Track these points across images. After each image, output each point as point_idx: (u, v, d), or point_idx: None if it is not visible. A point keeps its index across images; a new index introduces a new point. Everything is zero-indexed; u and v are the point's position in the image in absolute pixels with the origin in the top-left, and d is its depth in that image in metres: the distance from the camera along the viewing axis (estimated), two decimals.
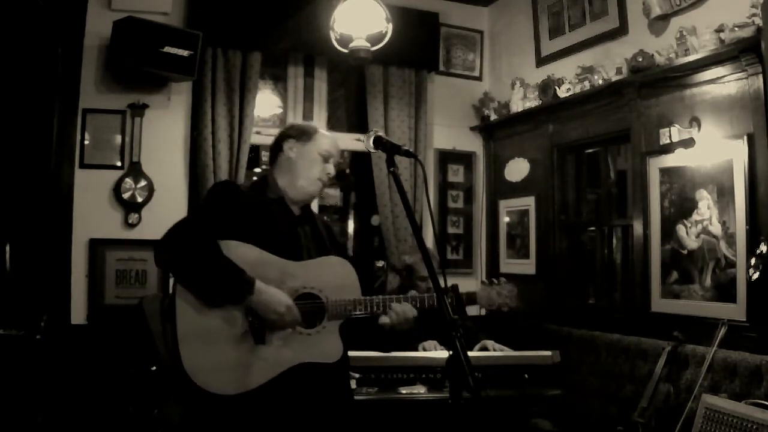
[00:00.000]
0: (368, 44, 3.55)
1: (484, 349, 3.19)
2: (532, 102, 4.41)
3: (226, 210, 2.07)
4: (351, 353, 2.33)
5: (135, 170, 3.91)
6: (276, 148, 2.28)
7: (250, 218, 2.08)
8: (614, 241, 4.21)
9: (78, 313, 3.75)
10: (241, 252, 2.01)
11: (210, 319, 1.99)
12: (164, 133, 4.01)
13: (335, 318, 2.09)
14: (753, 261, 2.83)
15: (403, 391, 2.82)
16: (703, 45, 3.21)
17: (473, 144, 4.99)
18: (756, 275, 2.78)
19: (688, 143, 3.31)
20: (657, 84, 3.50)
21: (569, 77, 4.12)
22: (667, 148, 3.42)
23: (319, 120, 4.61)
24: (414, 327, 2.18)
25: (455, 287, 2.15)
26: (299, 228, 2.23)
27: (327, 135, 2.30)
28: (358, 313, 2.10)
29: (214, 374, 1.95)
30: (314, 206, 4.43)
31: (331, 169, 2.25)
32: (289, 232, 2.17)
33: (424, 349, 3.16)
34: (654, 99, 3.55)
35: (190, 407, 2.05)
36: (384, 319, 2.14)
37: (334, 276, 2.13)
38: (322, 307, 2.09)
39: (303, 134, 2.25)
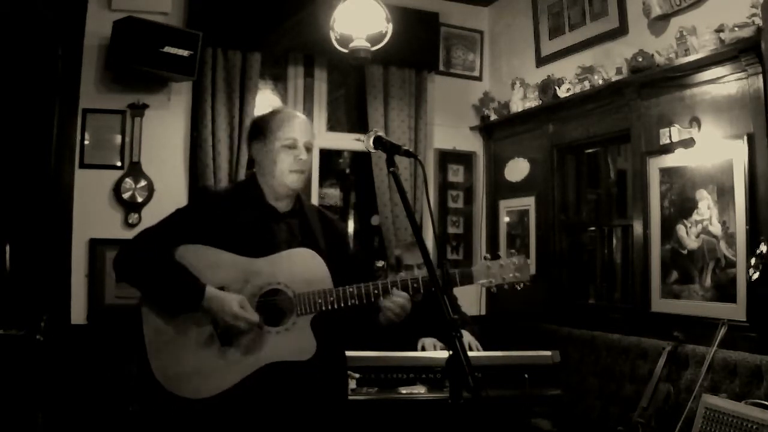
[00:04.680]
0: (368, 44, 3.55)
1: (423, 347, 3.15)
2: (532, 102, 4.41)
3: (196, 217, 2.08)
4: (351, 353, 2.32)
5: (135, 170, 3.90)
6: (248, 150, 2.27)
7: (224, 221, 2.06)
8: (614, 241, 4.21)
9: (78, 313, 3.75)
10: (200, 255, 2.02)
11: (175, 324, 2.00)
12: (164, 133, 4.01)
13: (305, 313, 2.01)
14: (753, 261, 2.83)
15: (403, 391, 2.82)
16: (703, 45, 3.20)
17: (473, 144, 4.99)
18: (756, 275, 2.78)
19: (688, 143, 3.31)
20: (657, 84, 3.50)
21: (569, 77, 4.12)
22: (667, 148, 3.42)
23: (319, 120, 4.61)
24: (411, 316, 2.10)
25: (444, 264, 2.07)
26: (279, 224, 2.15)
27: (290, 119, 2.15)
28: (329, 305, 2.01)
29: (184, 380, 1.96)
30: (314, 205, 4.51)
31: (300, 153, 2.12)
32: (263, 230, 2.10)
33: (423, 347, 3.16)
34: (654, 99, 3.55)
35: (163, 412, 2.04)
36: (380, 318, 2.08)
37: (301, 269, 2.04)
38: (289, 303, 2.02)
39: (261, 131, 2.16)
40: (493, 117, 4.78)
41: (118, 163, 3.90)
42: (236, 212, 2.09)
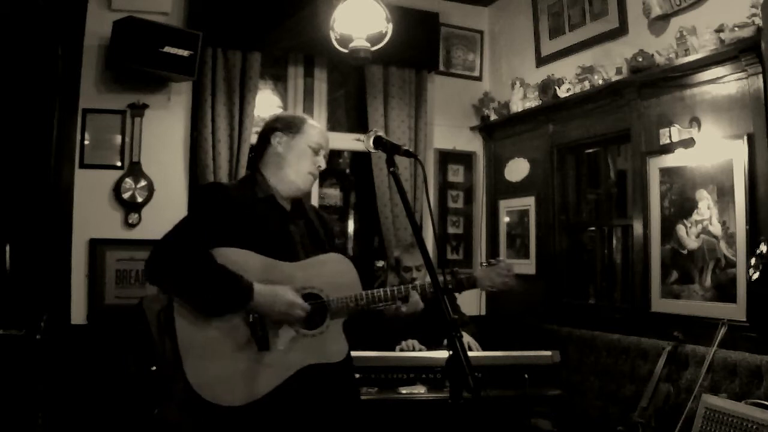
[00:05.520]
0: (368, 44, 3.55)
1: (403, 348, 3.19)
2: (532, 102, 4.41)
3: (217, 215, 2.01)
4: (352, 353, 2.32)
5: (135, 170, 3.90)
6: (263, 142, 2.20)
7: (241, 220, 2.02)
8: (614, 241, 4.21)
9: (78, 313, 3.75)
10: (239, 259, 1.96)
11: (210, 329, 1.94)
12: (164, 133, 4.01)
13: (338, 316, 2.06)
14: (753, 261, 2.83)
15: (403, 391, 2.82)
16: (703, 45, 3.21)
17: (473, 144, 4.99)
18: (756, 275, 2.78)
19: (688, 143, 3.31)
20: (657, 84, 3.50)
21: (569, 77, 4.12)
22: (667, 148, 3.42)
23: (319, 120, 4.61)
24: (418, 317, 2.19)
25: (454, 272, 2.16)
26: (292, 225, 2.16)
27: (316, 125, 2.22)
28: (360, 308, 2.07)
29: (221, 386, 1.90)
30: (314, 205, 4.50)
31: (321, 161, 2.17)
32: (282, 231, 2.10)
33: (403, 349, 3.16)
34: (654, 99, 3.55)
35: (199, 419, 1.96)
36: (402, 307, 2.14)
37: (333, 274, 2.09)
38: (323, 307, 2.05)
39: (291, 126, 2.17)
40: (493, 117, 4.77)
41: (118, 163, 3.90)
42: (252, 212, 2.06)
